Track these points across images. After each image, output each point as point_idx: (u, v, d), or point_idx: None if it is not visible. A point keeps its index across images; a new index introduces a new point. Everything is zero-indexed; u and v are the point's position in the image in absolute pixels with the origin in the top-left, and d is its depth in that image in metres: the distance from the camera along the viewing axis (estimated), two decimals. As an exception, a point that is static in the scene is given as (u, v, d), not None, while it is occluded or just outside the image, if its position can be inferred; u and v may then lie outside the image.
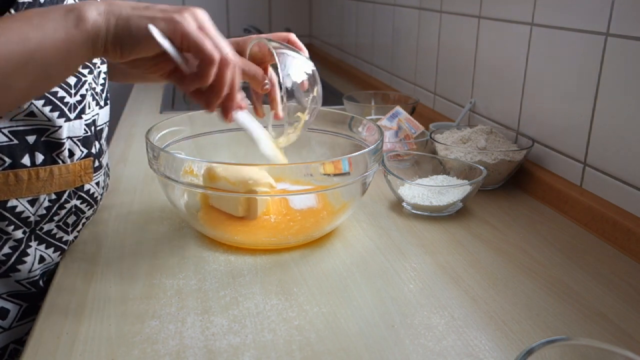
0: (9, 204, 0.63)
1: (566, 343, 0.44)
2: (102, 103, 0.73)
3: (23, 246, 0.66)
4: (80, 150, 0.68)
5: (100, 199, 0.76)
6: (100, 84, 0.73)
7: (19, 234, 0.65)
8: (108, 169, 0.79)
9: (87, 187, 0.71)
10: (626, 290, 0.65)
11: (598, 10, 0.80)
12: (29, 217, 0.65)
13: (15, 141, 0.62)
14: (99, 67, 0.73)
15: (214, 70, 0.55)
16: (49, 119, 0.64)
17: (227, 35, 2.46)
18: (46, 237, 0.69)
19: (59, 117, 0.65)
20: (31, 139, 0.63)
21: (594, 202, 0.81)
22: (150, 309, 0.60)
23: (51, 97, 0.64)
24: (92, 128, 0.70)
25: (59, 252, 0.71)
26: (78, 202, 0.70)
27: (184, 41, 0.54)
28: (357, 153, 0.70)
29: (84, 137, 0.69)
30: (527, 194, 0.93)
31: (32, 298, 0.69)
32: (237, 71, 0.58)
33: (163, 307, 0.60)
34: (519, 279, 0.67)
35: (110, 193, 0.88)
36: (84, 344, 0.54)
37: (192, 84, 0.57)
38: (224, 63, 0.55)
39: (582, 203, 0.82)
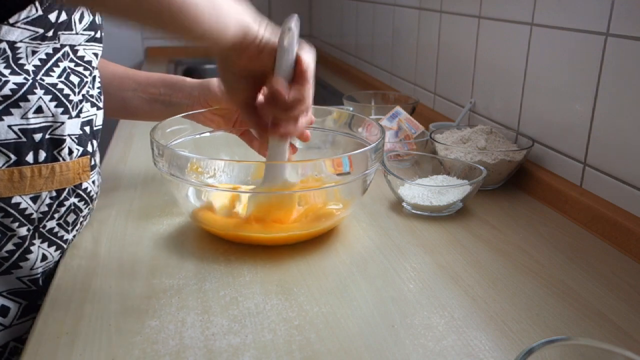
0: (13, 201, 0.65)
1: (566, 343, 0.44)
2: (99, 104, 0.75)
3: (27, 244, 0.68)
4: (77, 148, 0.70)
5: (96, 197, 0.77)
6: (97, 87, 0.75)
7: (23, 231, 0.67)
8: (99, 168, 0.80)
9: (84, 185, 0.73)
10: (626, 290, 0.65)
11: (598, 10, 0.80)
12: (32, 214, 0.67)
13: (24, 139, 0.64)
14: (93, 73, 0.75)
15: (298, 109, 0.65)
16: (53, 115, 0.66)
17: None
18: (49, 235, 0.70)
19: (62, 113, 0.67)
20: (38, 136, 0.66)
21: (594, 202, 0.81)
22: (150, 309, 0.60)
23: (58, 93, 0.67)
24: (88, 128, 0.72)
25: (59, 251, 0.72)
26: (76, 200, 0.72)
27: (305, 70, 0.64)
28: (358, 151, 0.70)
29: (79, 135, 0.71)
30: (527, 194, 0.93)
31: (32, 296, 0.70)
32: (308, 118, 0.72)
33: (163, 307, 0.60)
34: (519, 279, 0.67)
35: (111, 192, 0.88)
36: (84, 344, 0.54)
37: (284, 112, 0.66)
38: (305, 108, 0.66)
39: (582, 203, 0.82)
